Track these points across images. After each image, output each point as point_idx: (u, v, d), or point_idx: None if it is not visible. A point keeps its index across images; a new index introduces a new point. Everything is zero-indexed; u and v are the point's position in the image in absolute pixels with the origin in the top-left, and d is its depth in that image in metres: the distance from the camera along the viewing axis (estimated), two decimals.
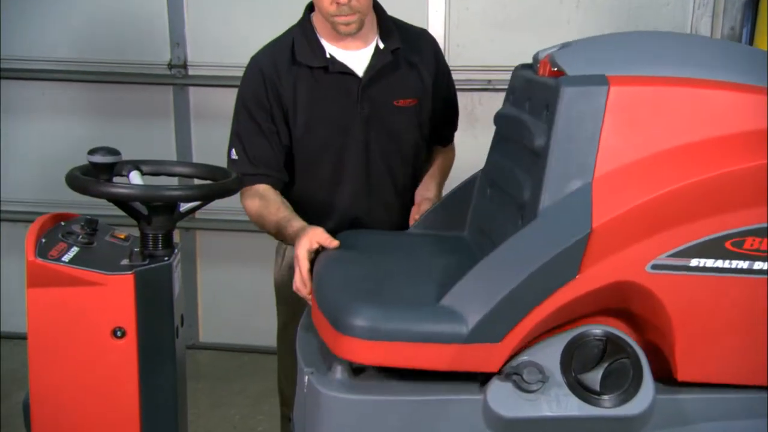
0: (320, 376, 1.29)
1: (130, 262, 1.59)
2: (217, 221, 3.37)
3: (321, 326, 1.32)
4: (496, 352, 1.22)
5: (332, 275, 1.42)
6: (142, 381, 1.57)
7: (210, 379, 3.21)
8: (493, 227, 1.49)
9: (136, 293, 1.55)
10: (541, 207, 1.22)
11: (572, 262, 1.19)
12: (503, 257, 1.22)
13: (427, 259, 1.52)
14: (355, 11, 1.61)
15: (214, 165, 1.88)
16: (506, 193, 1.43)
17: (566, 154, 1.22)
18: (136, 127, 3.31)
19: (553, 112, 1.23)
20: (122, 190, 1.58)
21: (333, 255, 1.52)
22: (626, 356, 1.25)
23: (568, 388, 1.24)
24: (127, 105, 3.32)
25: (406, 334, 1.20)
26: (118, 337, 1.55)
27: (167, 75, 3.27)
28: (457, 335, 1.20)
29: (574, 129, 1.22)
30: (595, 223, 1.18)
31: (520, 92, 1.50)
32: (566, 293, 1.20)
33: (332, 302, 1.30)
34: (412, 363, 1.22)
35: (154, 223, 1.65)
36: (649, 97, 1.22)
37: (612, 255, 1.20)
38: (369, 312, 1.22)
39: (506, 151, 1.52)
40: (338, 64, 1.69)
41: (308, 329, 1.48)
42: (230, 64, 3.18)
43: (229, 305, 3.47)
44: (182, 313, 1.74)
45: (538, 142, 1.27)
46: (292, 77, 1.71)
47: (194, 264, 3.46)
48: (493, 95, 3.12)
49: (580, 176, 1.21)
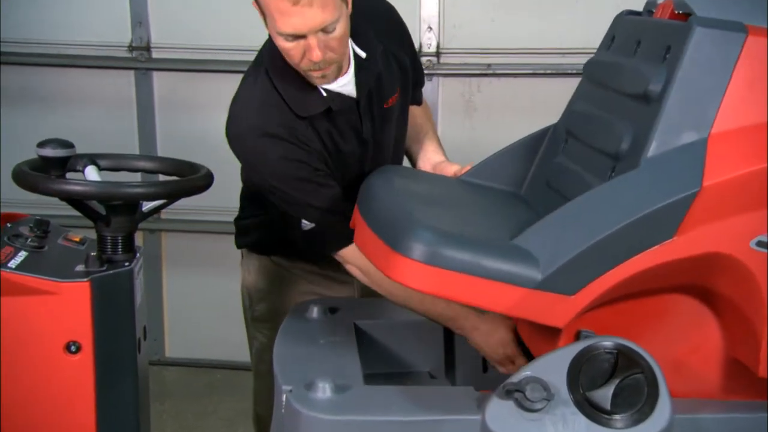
0: (300, 395, 1.29)
1: (86, 268, 1.58)
2: (185, 222, 3.36)
3: (369, 244, 1.30)
4: (566, 306, 1.21)
5: (387, 193, 1.42)
6: (99, 402, 1.56)
7: (177, 399, 3.20)
8: (568, 181, 1.48)
9: (93, 303, 1.54)
10: (645, 157, 1.22)
11: (672, 220, 1.19)
12: (592, 204, 1.21)
13: (488, 203, 1.53)
14: (331, 63, 1.53)
15: (181, 159, 1.88)
16: (591, 145, 1.44)
17: (685, 102, 1.23)
18: (93, 117, 3.29)
19: (679, 54, 1.24)
20: (76, 187, 1.57)
21: (385, 177, 1.52)
22: (640, 371, 1.26)
23: (575, 406, 1.24)
24: (82, 91, 3.30)
25: (472, 266, 1.19)
26: (72, 353, 1.54)
27: (128, 58, 3.25)
28: (528, 279, 1.19)
29: (699, 75, 1.23)
30: (706, 182, 1.18)
31: (627, 36, 1.50)
32: (656, 255, 1.20)
33: (390, 218, 1.30)
34: (471, 299, 1.22)
35: (113, 225, 1.64)
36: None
37: (715, 221, 1.20)
38: (433, 234, 1.21)
39: (598, 99, 1.52)
40: (337, 97, 1.63)
41: (286, 342, 1.48)
42: (199, 46, 3.17)
43: (199, 316, 3.46)
44: (145, 325, 1.74)
45: (651, 87, 1.27)
46: (304, 128, 1.62)
47: (159, 270, 3.45)
48: (494, 81, 3.13)
49: (696, 129, 1.22)
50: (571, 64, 2.98)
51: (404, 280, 1.22)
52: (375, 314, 1.71)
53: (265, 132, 1.59)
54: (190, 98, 3.24)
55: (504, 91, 3.13)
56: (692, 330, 1.38)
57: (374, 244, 1.29)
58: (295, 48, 1.49)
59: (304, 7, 1.42)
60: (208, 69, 3.20)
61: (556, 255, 1.20)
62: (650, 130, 1.23)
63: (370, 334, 1.65)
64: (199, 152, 2.41)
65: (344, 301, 1.76)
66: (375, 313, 1.71)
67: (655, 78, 1.28)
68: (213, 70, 3.19)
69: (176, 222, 3.37)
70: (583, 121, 1.53)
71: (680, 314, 1.37)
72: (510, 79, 3.11)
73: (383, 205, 1.36)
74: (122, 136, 3.29)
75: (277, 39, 1.50)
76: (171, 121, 3.29)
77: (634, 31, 1.47)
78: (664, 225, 1.20)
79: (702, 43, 1.23)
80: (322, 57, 1.49)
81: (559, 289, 1.21)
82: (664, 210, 1.19)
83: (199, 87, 3.23)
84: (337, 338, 1.54)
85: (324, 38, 1.48)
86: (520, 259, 1.20)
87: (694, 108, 1.23)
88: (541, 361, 1.27)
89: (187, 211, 3.24)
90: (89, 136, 2.86)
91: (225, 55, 3.15)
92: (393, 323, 1.68)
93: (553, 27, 3.05)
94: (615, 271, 1.20)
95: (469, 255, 1.20)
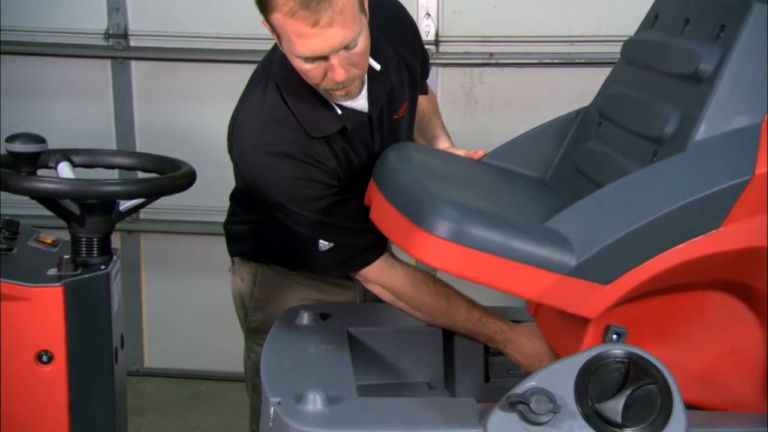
0: (289, 407, 1.29)
1: (59, 272, 1.58)
2: (166, 222, 3.35)
3: (389, 220, 1.30)
4: (600, 295, 1.21)
5: (407, 168, 1.41)
6: (72, 416, 1.56)
7: (157, 413, 3.19)
8: (601, 166, 1.48)
9: (66, 309, 1.54)
10: (693, 140, 1.21)
11: (720, 209, 1.18)
12: (633, 188, 1.21)
13: (511, 185, 1.53)
14: (354, 79, 1.50)
15: (161, 155, 1.88)
16: (630, 128, 1.43)
17: (739, 84, 1.23)
18: (66, 109, 3.29)
19: (735, 32, 1.24)
20: (48, 185, 1.57)
21: (403, 153, 1.51)
22: (653, 381, 1.26)
23: (583, 419, 1.24)
24: (55, 82, 3.29)
25: (501, 247, 1.19)
26: (44, 363, 1.54)
27: (104, 46, 3.24)
28: (560, 264, 1.19)
29: (756, 56, 1.23)
30: (758, 170, 1.18)
31: (673, 15, 1.50)
32: (700, 246, 1.20)
33: (412, 193, 1.29)
34: (498, 282, 1.21)
35: (88, 225, 1.64)
36: None
37: (765, 213, 1.19)
38: (459, 211, 1.21)
39: (638, 81, 1.52)
40: (353, 114, 1.61)
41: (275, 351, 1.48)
42: (180, 34, 3.17)
43: (181, 323, 3.46)
44: (122, 333, 1.74)
45: (702, 67, 1.27)
46: (318, 148, 1.60)
47: (138, 273, 3.44)
48: (496, 71, 3.13)
49: (749, 113, 1.22)
50: (580, 53, 2.98)
51: (426, 259, 1.21)
52: (369, 321, 1.71)
53: (274, 150, 1.56)
54: (171, 89, 3.23)
55: (507, 82, 3.13)
56: (728, 331, 1.37)
57: (395, 219, 1.28)
58: (316, 69, 1.46)
59: (324, 29, 1.38)
60: (190, 58, 3.19)
61: (592, 240, 1.19)
62: (699, 113, 1.23)
63: (364, 342, 1.65)
64: (181, 147, 2.41)
65: (336, 307, 1.76)
66: (369, 319, 1.72)
67: (706, 57, 1.28)
68: (195, 59, 3.19)
69: (156, 222, 3.36)
70: (621, 104, 1.52)
71: (716, 313, 1.37)
72: (514, 69, 3.11)
73: (404, 180, 1.36)
74: (98, 130, 3.29)
75: (294, 60, 1.46)
76: (150, 114, 3.28)
77: (681, 10, 1.47)
78: (710, 213, 1.19)
79: (761, 21, 1.23)
80: (347, 76, 1.46)
81: (593, 277, 1.20)
82: (712, 197, 1.18)
83: (180, 77, 3.23)
84: (328, 346, 1.54)
85: (346, 55, 1.44)
86: (552, 243, 1.20)
87: (749, 91, 1.23)
88: (547, 371, 1.27)
89: (168, 211, 3.23)
90: (62, 130, 2.85)
91: (208, 43, 3.15)
92: (388, 330, 1.68)
93: (561, 13, 3.05)
94: (654, 261, 1.20)
95: (498, 235, 1.19)
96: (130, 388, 1.82)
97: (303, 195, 1.58)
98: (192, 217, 3.28)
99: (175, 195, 1.77)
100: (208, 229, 3.23)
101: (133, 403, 1.83)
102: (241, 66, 3.23)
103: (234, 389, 2.06)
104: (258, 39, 3.23)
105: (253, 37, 3.16)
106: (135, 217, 3.26)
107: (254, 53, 3.18)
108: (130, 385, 1.81)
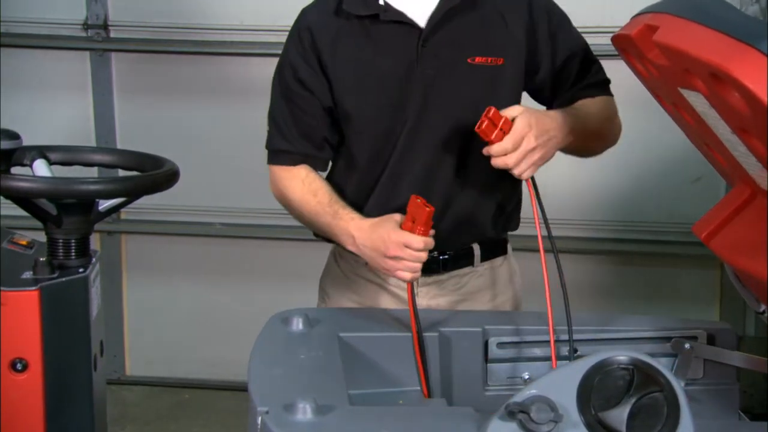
0: (277, 417, 1.29)
1: (35, 275, 1.58)
2: (149, 223, 3.35)
3: (705, 42, 1.24)
4: None
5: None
6: (48, 427, 1.56)
7: (139, 423, 3.18)
8: None
9: (42, 314, 1.54)
10: None
11: None
12: None
13: None
14: None
15: (143, 152, 1.88)
16: None
17: None
18: (42, 104, 3.29)
19: None
20: (23, 183, 1.57)
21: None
22: (659, 389, 1.27)
23: (586, 428, 1.24)
24: (31, 75, 3.29)
25: None
26: (19, 371, 1.54)
27: (83, 38, 3.25)
28: None
29: None
30: None
31: None
32: None
33: (731, 14, 1.24)
34: None
35: (66, 226, 1.64)
36: None
37: None
38: None
39: None
40: (393, 11, 1.65)
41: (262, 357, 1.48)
42: (163, 25, 3.17)
43: (165, 329, 3.45)
44: (102, 340, 1.74)
45: None
46: (333, 32, 1.68)
47: (119, 277, 3.44)
48: None
49: None
50: None
51: (748, 77, 1.11)
52: (362, 326, 1.71)
53: (302, 13, 1.73)
54: (153, 83, 3.23)
55: None
56: None
57: (715, 40, 1.23)
58: None
59: None
60: (174, 50, 3.19)
61: None
62: None
63: (357, 348, 1.65)
64: (163, 144, 2.41)
65: (327, 312, 1.76)
66: (362, 324, 1.72)
67: None
68: (179, 51, 3.18)
69: (138, 223, 3.36)
70: None
71: None
72: None
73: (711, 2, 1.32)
74: (76, 126, 3.29)
75: None
76: (131, 109, 3.28)
77: None
78: None
79: None
80: None
81: None
82: None
83: (163, 70, 3.23)
84: (319, 353, 1.54)
85: None
86: None
87: None
88: (548, 378, 1.28)
89: (151, 211, 3.23)
90: (38, 126, 2.85)
91: (192, 34, 3.15)
92: (382, 336, 1.68)
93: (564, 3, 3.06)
94: None
95: None
96: (110, 397, 1.82)
97: (281, 61, 1.74)
98: (176, 217, 3.28)
99: (158, 194, 1.77)
100: (192, 230, 3.23)
101: (113, 414, 1.83)
102: (228, 58, 3.25)
103: (220, 398, 2.06)
104: (245, 30, 3.27)
105: (240, 28, 3.18)
106: (115, 217, 3.25)
107: (241, 45, 3.21)
108: (110, 395, 1.81)
